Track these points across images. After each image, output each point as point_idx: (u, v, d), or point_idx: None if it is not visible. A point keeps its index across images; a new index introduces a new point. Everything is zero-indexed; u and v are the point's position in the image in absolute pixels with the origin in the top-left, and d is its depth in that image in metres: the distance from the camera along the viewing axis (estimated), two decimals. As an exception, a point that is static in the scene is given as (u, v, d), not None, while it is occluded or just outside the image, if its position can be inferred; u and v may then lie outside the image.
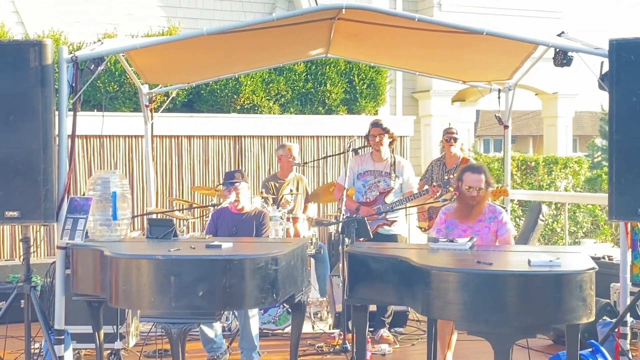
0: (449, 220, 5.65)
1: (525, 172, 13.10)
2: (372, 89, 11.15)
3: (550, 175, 13.09)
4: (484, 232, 5.56)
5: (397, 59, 8.25)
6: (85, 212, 5.10)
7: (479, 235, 5.50)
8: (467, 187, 5.53)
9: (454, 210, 5.65)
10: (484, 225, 5.58)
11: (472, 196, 5.51)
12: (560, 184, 13.15)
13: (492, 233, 5.58)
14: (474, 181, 5.53)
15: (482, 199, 5.54)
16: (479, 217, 5.58)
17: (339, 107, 10.94)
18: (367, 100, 11.14)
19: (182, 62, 7.32)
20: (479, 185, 5.51)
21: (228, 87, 10.17)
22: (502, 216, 5.62)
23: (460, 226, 5.60)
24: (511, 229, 5.70)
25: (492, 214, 5.62)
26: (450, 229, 5.62)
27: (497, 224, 5.58)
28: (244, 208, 6.22)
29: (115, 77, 9.60)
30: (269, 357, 6.21)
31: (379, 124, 6.76)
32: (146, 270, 4.43)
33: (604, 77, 5.27)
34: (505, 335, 4.24)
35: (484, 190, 5.54)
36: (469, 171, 5.61)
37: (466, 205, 5.55)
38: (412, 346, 6.65)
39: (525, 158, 13.64)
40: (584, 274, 4.24)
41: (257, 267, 4.49)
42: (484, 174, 5.58)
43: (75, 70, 5.25)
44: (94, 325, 5.42)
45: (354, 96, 11.05)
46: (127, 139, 9.30)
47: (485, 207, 5.61)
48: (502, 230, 5.58)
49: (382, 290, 4.91)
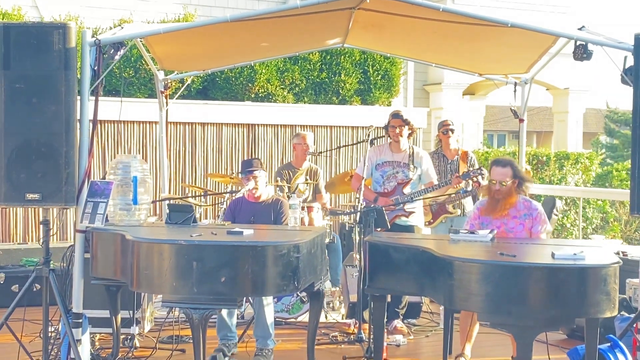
0: (483, 216, 5.58)
1: (537, 166, 13.05)
2: (386, 80, 11.13)
3: (562, 170, 13.04)
4: (518, 229, 5.48)
5: (413, 50, 8.21)
6: (106, 196, 5.08)
7: (512, 233, 5.42)
8: (492, 180, 5.50)
9: (485, 205, 5.57)
10: (519, 222, 5.49)
11: (495, 190, 5.46)
12: (571, 179, 13.10)
13: (527, 230, 5.48)
14: (497, 174, 5.48)
15: (507, 193, 5.46)
16: (514, 214, 5.51)
17: (353, 98, 10.92)
18: (381, 91, 11.12)
19: (199, 49, 7.29)
20: (502, 179, 5.45)
21: (243, 75, 10.15)
22: (538, 212, 5.50)
23: (495, 222, 5.51)
24: (547, 227, 5.56)
25: (527, 210, 5.51)
26: (484, 224, 5.53)
27: (532, 220, 5.48)
28: (261, 196, 6.19)
29: (131, 63, 9.59)
30: (283, 346, 6.20)
31: (400, 115, 6.73)
32: (168, 255, 4.42)
33: (627, 71, 5.24)
34: (529, 328, 4.23)
35: (510, 184, 5.48)
36: (495, 165, 5.55)
37: (492, 199, 5.50)
38: (426, 337, 6.63)
39: (537, 152, 13.58)
40: (609, 267, 4.23)
41: (280, 254, 4.47)
42: (511, 167, 5.50)
43: (97, 54, 5.22)
44: (112, 309, 5.42)
45: (367, 87, 11.02)
46: (142, 124, 9.29)
47: (519, 201, 5.52)
48: (536, 228, 5.47)
49: (402, 280, 4.90)
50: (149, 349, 5.85)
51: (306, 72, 10.55)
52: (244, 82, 10.16)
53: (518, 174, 5.53)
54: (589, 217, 12.98)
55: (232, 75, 10.13)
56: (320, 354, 5.93)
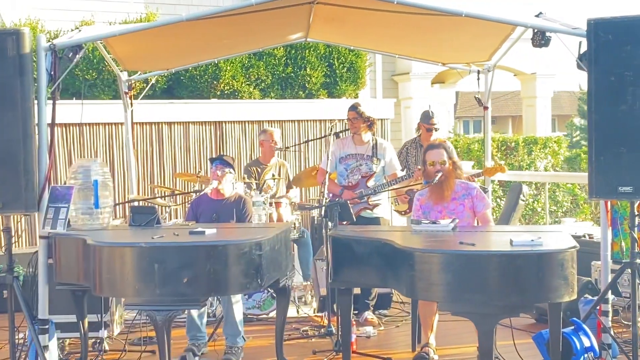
0: (424, 205, 5.67)
1: (505, 152, 13.15)
2: (352, 72, 11.13)
3: (530, 155, 13.15)
4: (459, 209, 5.59)
5: (377, 42, 8.24)
6: (67, 201, 5.07)
7: (455, 214, 5.52)
8: (430, 163, 5.58)
9: (427, 193, 5.66)
10: (459, 203, 5.60)
11: (436, 170, 5.54)
12: (540, 163, 13.21)
13: (468, 210, 5.60)
14: (434, 155, 5.60)
15: (448, 174, 5.57)
16: (452, 196, 5.60)
17: (320, 91, 10.92)
18: (347, 83, 11.13)
19: (161, 49, 7.27)
20: (441, 159, 5.57)
21: (208, 73, 10.12)
22: (476, 191, 5.64)
23: (436, 208, 5.62)
24: (488, 202, 5.72)
25: (465, 191, 5.64)
26: (426, 212, 5.64)
27: (472, 199, 5.60)
28: (224, 194, 6.19)
29: (94, 65, 9.52)
30: (254, 342, 6.22)
31: (355, 108, 6.77)
32: (130, 258, 4.42)
33: (582, 57, 5.28)
34: (489, 315, 4.28)
35: (449, 165, 5.59)
36: (428, 149, 5.70)
37: (436, 184, 5.56)
38: (397, 328, 6.68)
39: (505, 139, 13.69)
40: (566, 252, 4.27)
41: (241, 252, 4.49)
42: (445, 149, 5.65)
43: (53, 59, 5.20)
44: (78, 314, 5.41)
45: (334, 80, 11.03)
46: (107, 126, 9.24)
47: (456, 184, 5.63)
48: (479, 206, 5.60)
49: (366, 273, 4.93)
50: (118, 351, 5.85)
51: (271, 67, 10.54)
52: (209, 80, 10.13)
53: (451, 155, 5.68)
54: (560, 200, 13.11)
55: (197, 73, 10.10)
56: (291, 349, 5.96)
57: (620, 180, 5.06)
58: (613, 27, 5.09)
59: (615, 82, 5.06)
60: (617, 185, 5.07)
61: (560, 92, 38.03)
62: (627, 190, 5.06)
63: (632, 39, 5.03)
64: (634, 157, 5.03)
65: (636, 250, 5.38)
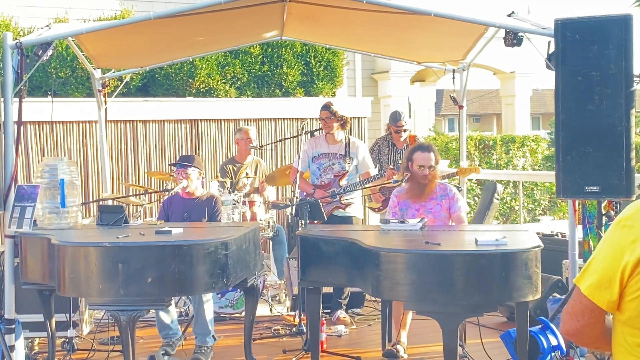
0: (401, 202, 5.70)
1: (483, 151, 13.22)
2: (329, 70, 11.14)
3: (508, 154, 13.22)
4: (437, 209, 5.63)
5: (352, 41, 8.24)
6: (33, 200, 5.05)
7: (431, 214, 5.55)
8: (419, 166, 5.60)
9: (406, 190, 5.69)
10: (436, 203, 5.65)
11: (423, 174, 5.56)
12: (518, 162, 13.29)
13: (445, 210, 5.65)
14: (424, 160, 5.60)
15: (433, 177, 5.61)
16: (431, 196, 5.63)
17: (296, 90, 10.92)
18: (324, 82, 11.14)
19: (135, 46, 7.24)
20: (429, 164, 5.59)
21: (183, 71, 10.10)
22: (454, 193, 5.71)
23: (413, 206, 5.66)
24: (463, 205, 5.77)
25: (443, 192, 5.69)
26: (403, 209, 5.67)
27: (449, 200, 5.66)
28: (194, 193, 6.18)
29: (67, 62, 9.48)
30: (225, 342, 6.22)
31: (328, 107, 6.75)
32: (94, 258, 4.41)
33: (550, 56, 5.32)
34: (453, 315, 4.30)
35: (434, 168, 5.61)
36: (419, 150, 5.68)
37: (418, 184, 5.60)
38: (369, 326, 6.70)
39: (483, 137, 13.76)
40: (529, 252, 4.30)
41: (207, 252, 4.49)
42: (434, 152, 5.66)
43: (20, 57, 5.17)
44: (45, 313, 5.38)
45: (310, 78, 11.04)
46: (81, 124, 9.19)
47: (436, 185, 5.67)
48: (455, 208, 5.66)
49: (333, 272, 4.95)
50: (87, 351, 5.83)
51: (247, 65, 10.53)
52: (185, 78, 10.11)
53: (437, 158, 5.73)
54: (537, 198, 13.18)
55: (172, 71, 10.07)
56: (261, 348, 5.97)
57: (586, 179, 5.09)
58: (580, 27, 5.12)
59: (582, 81, 5.09)
60: (583, 184, 5.10)
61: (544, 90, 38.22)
62: (594, 190, 5.10)
63: (599, 39, 5.06)
64: (600, 156, 5.07)
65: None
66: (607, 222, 5.95)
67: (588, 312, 2.11)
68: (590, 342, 2.19)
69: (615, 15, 5.07)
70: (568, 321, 2.16)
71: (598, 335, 2.15)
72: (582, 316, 2.12)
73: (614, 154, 5.01)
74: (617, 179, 5.01)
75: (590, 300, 2.09)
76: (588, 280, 2.10)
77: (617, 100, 5.00)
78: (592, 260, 2.12)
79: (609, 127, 5.03)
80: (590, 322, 2.12)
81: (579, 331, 2.15)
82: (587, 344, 2.19)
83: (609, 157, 5.03)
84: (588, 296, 2.09)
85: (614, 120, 5.01)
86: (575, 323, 2.14)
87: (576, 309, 2.14)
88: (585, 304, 2.10)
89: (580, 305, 2.12)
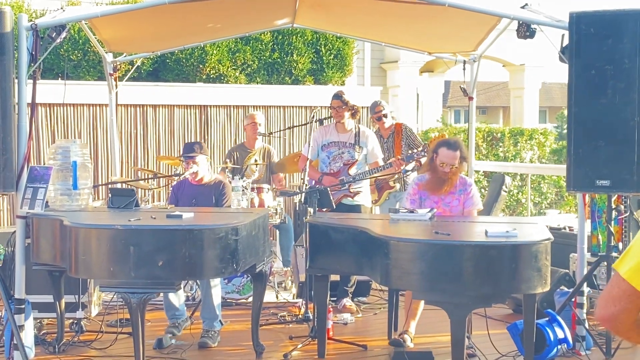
0: (421, 191, 5.68)
1: (491, 143, 13.20)
2: (338, 59, 11.13)
3: (516, 146, 13.20)
4: (454, 204, 5.63)
5: (363, 30, 8.23)
6: (45, 181, 5.07)
7: (449, 207, 5.55)
8: (441, 163, 5.56)
9: (426, 182, 5.66)
10: (455, 197, 5.64)
11: (444, 171, 5.55)
12: (526, 155, 13.27)
13: (462, 205, 5.66)
14: (448, 157, 5.56)
15: (454, 174, 5.59)
16: (451, 190, 5.63)
17: (306, 78, 10.92)
18: (334, 70, 11.13)
19: (147, 31, 7.25)
20: (453, 163, 5.55)
21: (194, 57, 10.11)
22: (471, 190, 5.69)
23: (432, 197, 5.64)
24: (478, 203, 5.74)
25: (462, 187, 5.68)
26: (422, 199, 5.66)
27: (466, 196, 5.65)
28: (203, 179, 6.19)
29: (79, 46, 9.49)
30: (231, 327, 6.25)
31: (339, 96, 6.75)
32: (105, 240, 4.44)
33: (564, 49, 5.31)
34: (461, 305, 4.31)
35: (458, 166, 5.59)
36: (445, 147, 5.61)
37: (438, 179, 5.58)
38: (375, 315, 6.72)
39: (491, 129, 13.73)
40: (540, 244, 4.31)
41: (217, 237, 4.51)
42: (460, 151, 5.60)
43: (35, 39, 5.19)
44: (55, 294, 5.43)
45: (320, 66, 11.03)
46: (92, 107, 9.21)
47: (457, 180, 5.65)
48: (468, 203, 5.66)
49: (342, 260, 4.97)
50: (95, 332, 5.86)
51: (258, 52, 10.53)
52: (195, 64, 10.12)
53: (464, 156, 5.65)
54: (544, 192, 13.17)
55: (183, 56, 10.08)
56: (268, 334, 6.00)
57: (598, 173, 5.09)
58: (595, 21, 5.11)
59: (596, 75, 5.09)
60: (594, 178, 5.11)
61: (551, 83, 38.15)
62: (605, 184, 5.10)
63: (613, 32, 5.05)
64: (612, 150, 5.07)
65: (612, 243, 5.43)
66: (617, 217, 5.97)
67: (626, 297, 2.10)
68: (624, 330, 2.17)
69: (630, 9, 5.06)
70: (604, 306, 2.15)
71: (632, 324, 2.14)
72: (620, 301, 2.11)
73: (626, 148, 5.01)
74: (629, 174, 5.01)
75: (629, 284, 2.08)
76: (628, 264, 2.09)
77: (630, 94, 5.00)
78: (632, 245, 2.11)
79: (622, 121, 5.03)
80: (627, 308, 2.11)
81: (615, 317, 2.13)
82: (620, 332, 2.17)
83: (620, 151, 5.03)
84: (627, 279, 2.08)
85: (627, 114, 5.01)
86: (611, 308, 2.13)
87: (613, 293, 2.13)
88: (624, 289, 2.09)
89: (618, 290, 2.11)
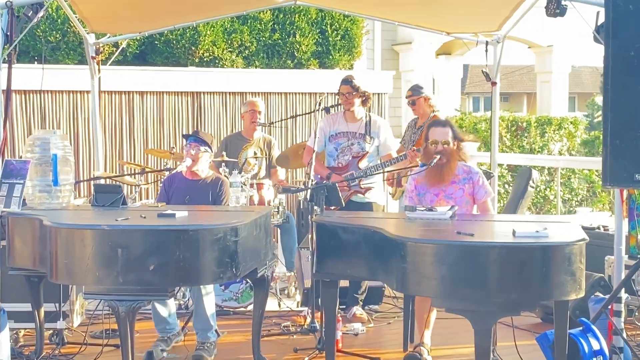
0: (419, 185, 5.69)
1: (516, 133, 13.18)
2: (346, 40, 11.12)
3: (543, 137, 13.18)
4: (458, 194, 5.63)
5: (374, 7, 8.21)
6: (23, 176, 5.07)
7: (452, 199, 5.55)
8: (432, 142, 5.59)
9: (425, 173, 5.67)
10: (458, 187, 5.64)
11: (437, 151, 5.55)
12: (554, 146, 13.25)
13: (468, 195, 5.64)
14: (438, 134, 5.61)
15: (450, 155, 5.59)
16: (452, 179, 5.63)
17: (310, 61, 10.91)
18: (341, 53, 11.12)
19: (133, 9, 7.25)
20: (444, 139, 5.59)
21: (185, 38, 10.11)
22: (479, 176, 5.69)
23: (432, 190, 5.65)
24: (489, 190, 5.75)
25: (466, 175, 5.68)
26: (421, 194, 5.67)
27: (473, 185, 5.65)
28: (198, 172, 6.16)
29: (58, 26, 9.50)
30: (229, 338, 6.25)
31: (349, 81, 6.73)
32: (90, 242, 4.43)
33: (599, 28, 5.30)
34: (487, 313, 4.29)
35: (452, 145, 5.60)
36: (433, 126, 5.71)
37: (435, 168, 5.57)
38: (388, 325, 6.73)
39: (516, 118, 13.70)
40: (573, 245, 4.29)
41: (215, 238, 4.50)
42: (450, 128, 5.67)
43: (10, 18, 5.19)
44: (34, 302, 5.43)
45: (326, 48, 11.02)
46: (72, 94, 9.22)
47: (458, 167, 5.66)
48: (480, 194, 5.65)
49: (353, 264, 4.95)
50: (78, 344, 5.87)
51: (257, 32, 10.52)
52: (187, 46, 10.12)
53: (457, 135, 5.70)
54: (575, 187, 13.14)
55: (173, 37, 10.08)
56: (270, 346, 6.00)
57: (637, 166, 5.06)
58: (634, -4, 5.09)
59: (635, 57, 5.05)
60: (633, 172, 5.07)
61: (581, 67, 38.01)
62: (645, 179, 5.08)
63: (655, 9, 5.03)
64: (653, 141, 5.05)
65: (653, 244, 5.42)
66: (659, 215, 5.95)
67: None
68: None
69: (674, -17, 5.04)
70: None
71: None
72: None
73: (669, 138, 5.00)
74: (671, 167, 5.00)
75: None
76: None
77: (673, 79, 4.98)
78: None
79: (664, 108, 5.01)
80: None
81: None
82: None
83: (662, 142, 5.02)
84: None
85: (669, 101, 5.00)
86: None
87: None
88: None
89: None
